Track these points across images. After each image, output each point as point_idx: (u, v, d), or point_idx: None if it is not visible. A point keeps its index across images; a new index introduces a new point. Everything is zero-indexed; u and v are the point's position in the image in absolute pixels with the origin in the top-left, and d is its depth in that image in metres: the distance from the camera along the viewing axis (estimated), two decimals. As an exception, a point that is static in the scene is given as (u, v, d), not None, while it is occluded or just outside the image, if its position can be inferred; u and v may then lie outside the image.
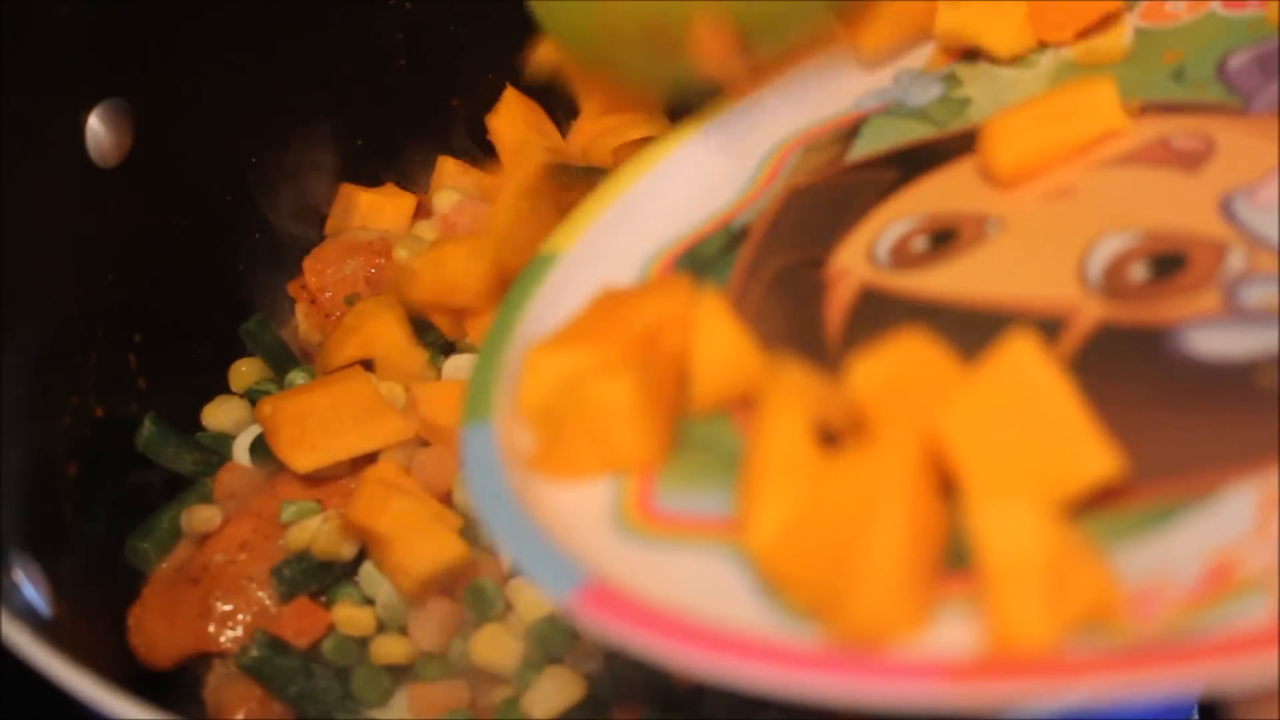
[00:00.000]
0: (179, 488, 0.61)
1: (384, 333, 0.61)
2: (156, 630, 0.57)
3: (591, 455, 0.41)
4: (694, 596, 0.36)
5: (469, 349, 0.62)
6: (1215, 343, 0.38)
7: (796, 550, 0.35)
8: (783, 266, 0.46)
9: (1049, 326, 0.40)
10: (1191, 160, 0.44)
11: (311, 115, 0.68)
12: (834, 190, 0.48)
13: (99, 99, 0.58)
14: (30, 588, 0.51)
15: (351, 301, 0.64)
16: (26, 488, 0.54)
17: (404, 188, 0.70)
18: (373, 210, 0.68)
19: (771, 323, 0.44)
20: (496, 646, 0.54)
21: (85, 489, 0.58)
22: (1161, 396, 0.37)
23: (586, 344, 0.42)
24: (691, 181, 0.50)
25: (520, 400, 0.43)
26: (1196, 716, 0.59)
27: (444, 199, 0.67)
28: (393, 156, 0.71)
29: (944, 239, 0.44)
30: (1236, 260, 0.39)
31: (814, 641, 0.34)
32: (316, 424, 0.58)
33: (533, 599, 0.54)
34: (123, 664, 0.57)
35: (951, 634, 0.33)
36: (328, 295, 0.65)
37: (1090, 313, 0.40)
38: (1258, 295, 0.38)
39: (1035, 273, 0.42)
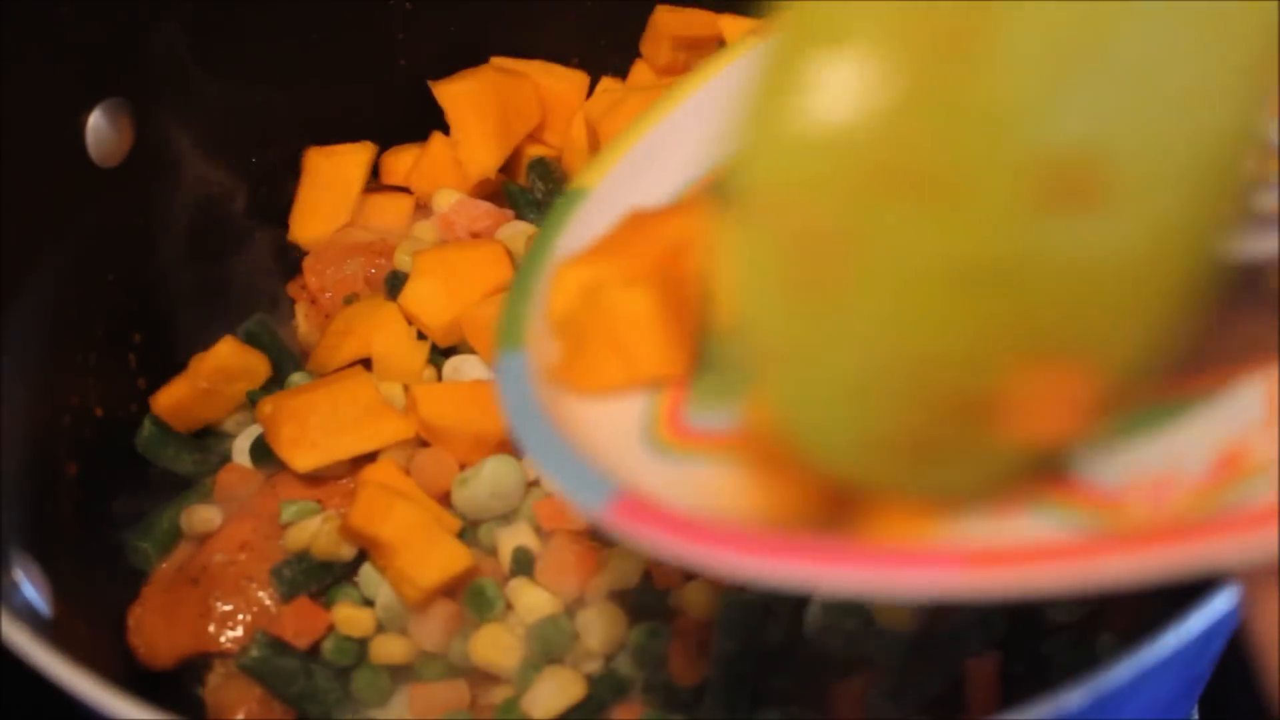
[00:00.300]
0: (179, 488, 0.61)
1: (382, 333, 0.61)
2: (156, 630, 0.57)
3: (613, 366, 0.42)
4: (717, 504, 0.37)
5: (468, 349, 0.62)
6: (1229, 245, 0.34)
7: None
8: None
9: None
10: None
11: (312, 115, 0.68)
12: None
13: (99, 99, 0.58)
14: (30, 588, 0.51)
15: (350, 302, 0.64)
16: (26, 488, 0.54)
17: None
18: (373, 210, 0.68)
19: None
20: (496, 646, 0.54)
21: (85, 489, 0.58)
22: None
23: (610, 258, 0.43)
24: (721, 116, 0.48)
25: (549, 312, 0.44)
26: (1196, 716, 0.60)
27: (444, 199, 0.67)
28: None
29: None
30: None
31: (839, 538, 0.34)
32: (317, 423, 0.58)
33: (533, 599, 0.54)
34: (123, 664, 0.57)
35: (970, 529, 0.34)
36: (328, 295, 0.65)
37: None
38: (1268, 199, 0.38)
39: None
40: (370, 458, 0.59)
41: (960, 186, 0.27)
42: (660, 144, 0.49)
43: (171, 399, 0.62)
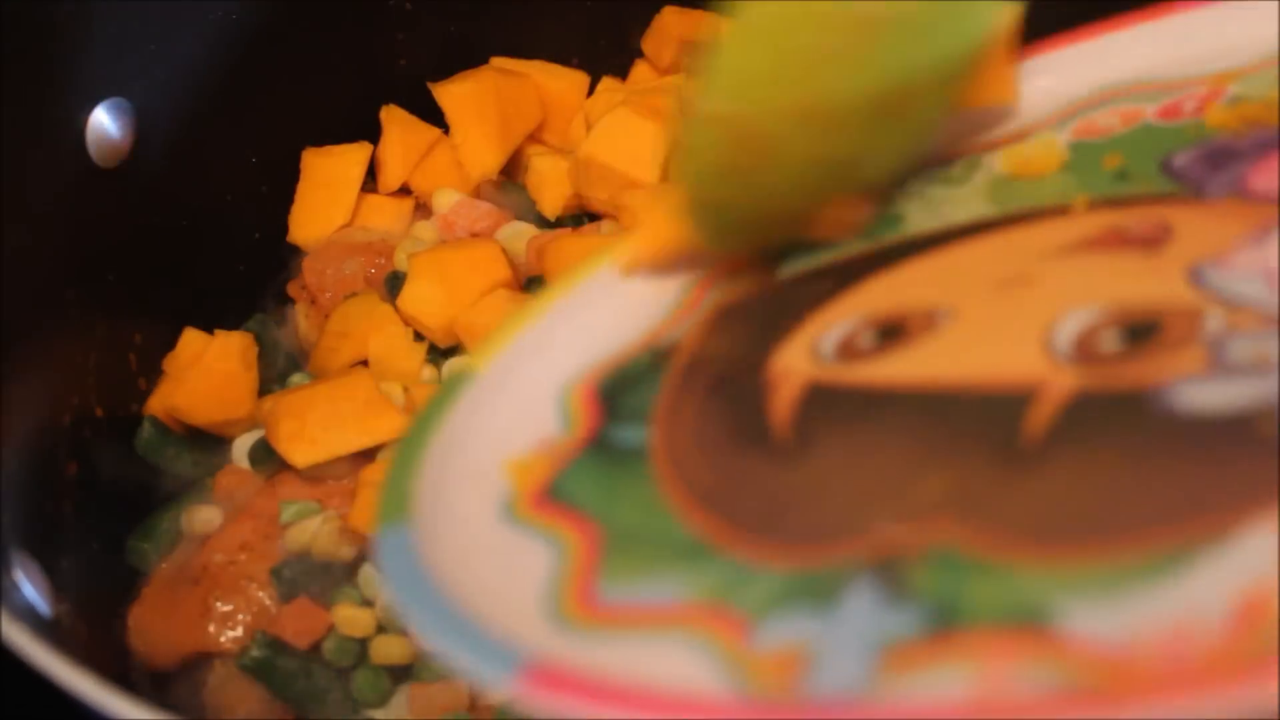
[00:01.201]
0: (179, 488, 0.61)
1: (379, 334, 0.61)
2: (156, 630, 0.57)
3: None
4: (649, 672, 0.36)
5: (468, 350, 0.62)
6: (1207, 397, 0.37)
7: None
8: (717, 375, 0.46)
9: (1016, 401, 0.39)
10: (1150, 242, 0.44)
11: (312, 115, 0.68)
12: (766, 303, 0.48)
13: (99, 99, 0.58)
14: (30, 588, 0.51)
15: (347, 302, 0.64)
16: (26, 488, 0.54)
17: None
18: (373, 210, 0.68)
19: (711, 425, 0.44)
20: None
21: (85, 489, 0.58)
22: (1157, 451, 0.37)
23: None
24: (613, 305, 0.50)
25: None
26: None
27: (444, 199, 0.67)
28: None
29: (892, 333, 0.44)
30: (1215, 321, 0.39)
31: (777, 703, 0.34)
32: (316, 419, 0.58)
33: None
34: (123, 664, 0.57)
35: (940, 684, 0.34)
36: (328, 295, 0.65)
37: (1063, 382, 0.39)
38: (1244, 350, 0.38)
39: (996, 353, 0.42)
40: (370, 458, 0.59)
41: (831, 114, 0.46)
42: (549, 332, 0.49)
43: (171, 400, 0.62)
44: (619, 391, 0.46)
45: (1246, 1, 0.51)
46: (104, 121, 0.59)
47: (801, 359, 0.44)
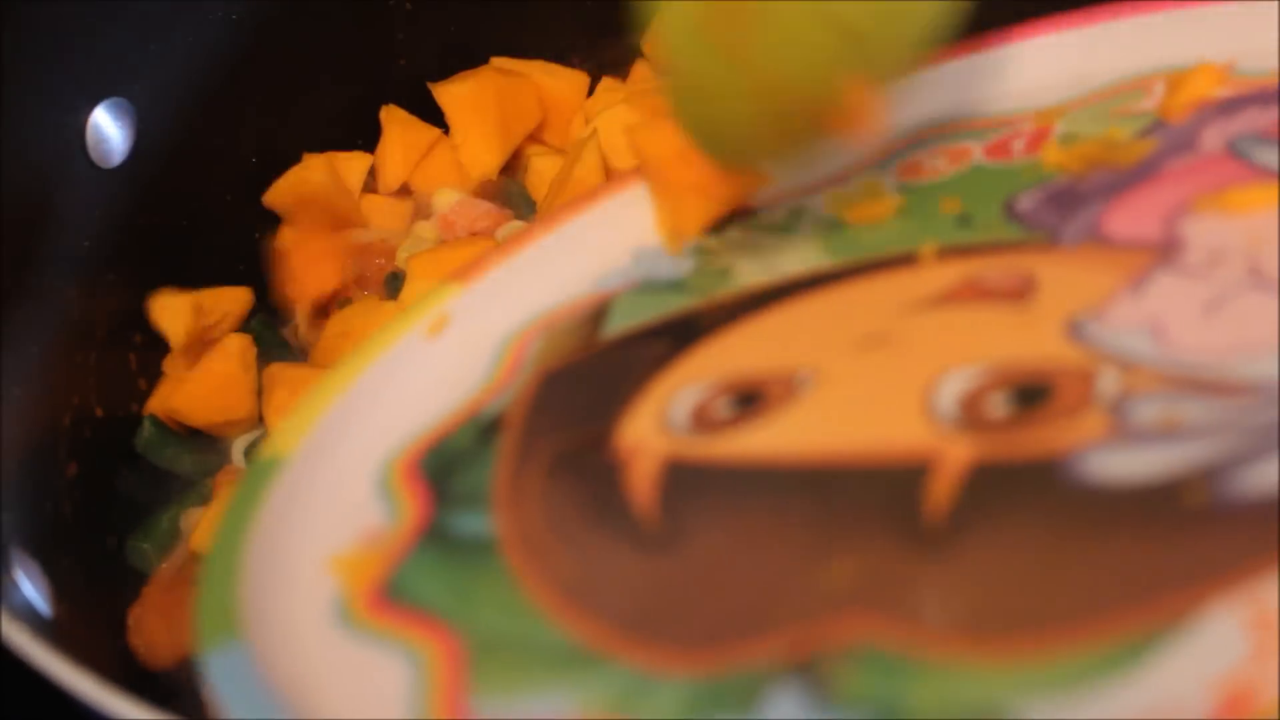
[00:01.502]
0: (179, 488, 0.61)
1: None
2: (156, 630, 0.57)
3: None
4: None
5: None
6: (1119, 467, 0.35)
7: None
8: (558, 451, 0.42)
9: (909, 474, 0.37)
10: (1013, 294, 0.42)
11: (313, 116, 0.67)
12: (598, 367, 0.45)
13: (99, 99, 0.58)
14: (30, 588, 0.51)
15: (343, 306, 0.64)
16: (26, 488, 0.54)
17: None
18: (373, 210, 0.68)
19: (564, 510, 0.40)
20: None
21: (85, 489, 0.58)
22: (1081, 529, 0.35)
23: None
24: (423, 374, 0.46)
25: None
26: None
27: (444, 199, 0.67)
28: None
29: (750, 400, 0.41)
30: (1109, 382, 0.37)
31: None
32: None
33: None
34: (123, 664, 0.57)
35: None
36: (328, 295, 0.65)
37: (957, 453, 0.37)
38: (1149, 413, 0.36)
39: (873, 421, 0.39)
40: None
41: None
42: (357, 406, 0.45)
43: (171, 400, 0.62)
44: (446, 472, 0.42)
45: (1060, 35, 0.50)
46: (104, 121, 0.59)
47: (651, 432, 0.41)
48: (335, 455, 0.43)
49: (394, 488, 0.42)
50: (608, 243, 0.50)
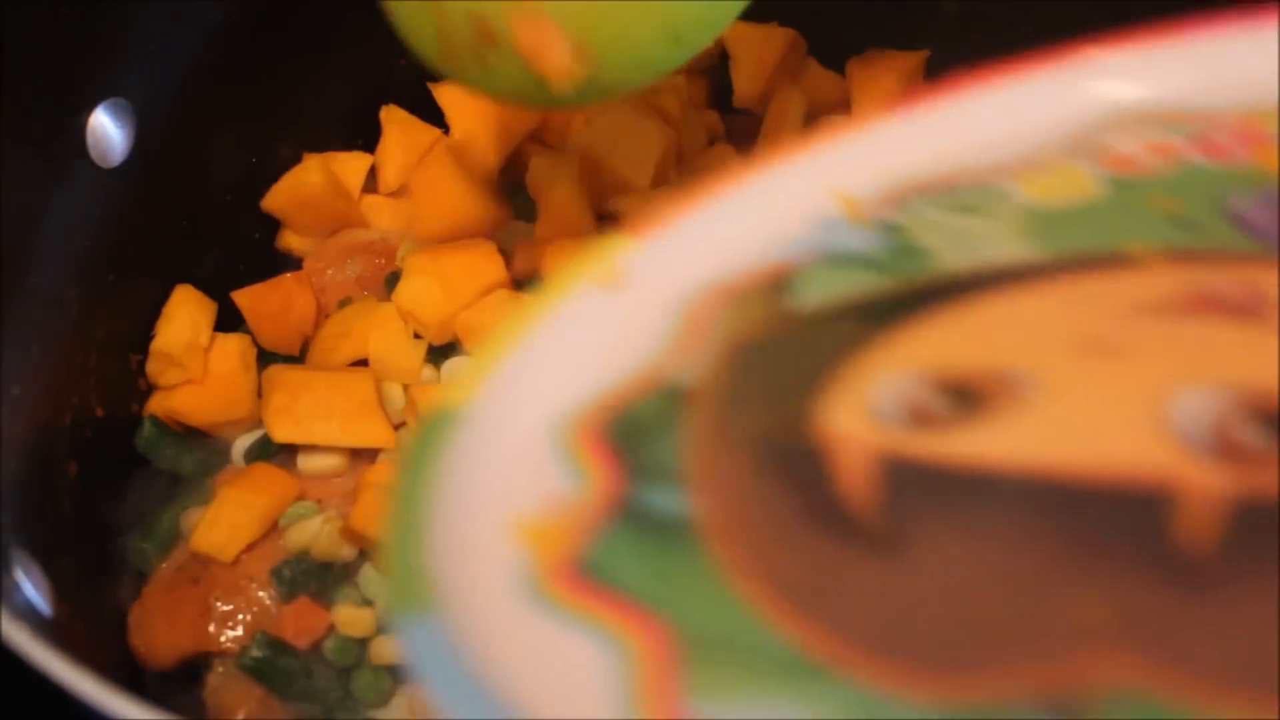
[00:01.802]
0: (179, 488, 0.61)
1: (378, 332, 0.61)
2: (156, 630, 0.57)
3: None
4: None
5: (466, 351, 0.62)
6: None
7: None
8: (760, 435, 0.39)
9: (1156, 502, 0.34)
10: (1243, 310, 0.39)
11: (313, 116, 0.68)
12: (791, 344, 0.42)
13: (99, 99, 0.58)
14: (30, 588, 0.51)
15: (343, 306, 0.64)
16: (26, 488, 0.54)
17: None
18: (373, 210, 0.68)
19: (773, 502, 0.37)
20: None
21: (85, 489, 0.58)
22: None
23: None
24: (599, 330, 0.42)
25: None
26: None
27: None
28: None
29: (966, 398, 0.38)
30: None
31: None
32: (308, 401, 0.59)
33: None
34: (123, 664, 0.57)
35: None
36: (327, 295, 0.65)
37: (1210, 482, 0.34)
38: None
39: (1105, 434, 0.36)
40: (371, 459, 0.59)
41: None
42: (535, 358, 0.41)
43: (171, 400, 0.62)
44: (634, 442, 0.39)
45: (1270, 30, 0.45)
46: (104, 121, 0.59)
47: (856, 420, 0.38)
48: (514, 411, 0.40)
49: (577, 452, 0.39)
50: (789, 207, 0.46)
